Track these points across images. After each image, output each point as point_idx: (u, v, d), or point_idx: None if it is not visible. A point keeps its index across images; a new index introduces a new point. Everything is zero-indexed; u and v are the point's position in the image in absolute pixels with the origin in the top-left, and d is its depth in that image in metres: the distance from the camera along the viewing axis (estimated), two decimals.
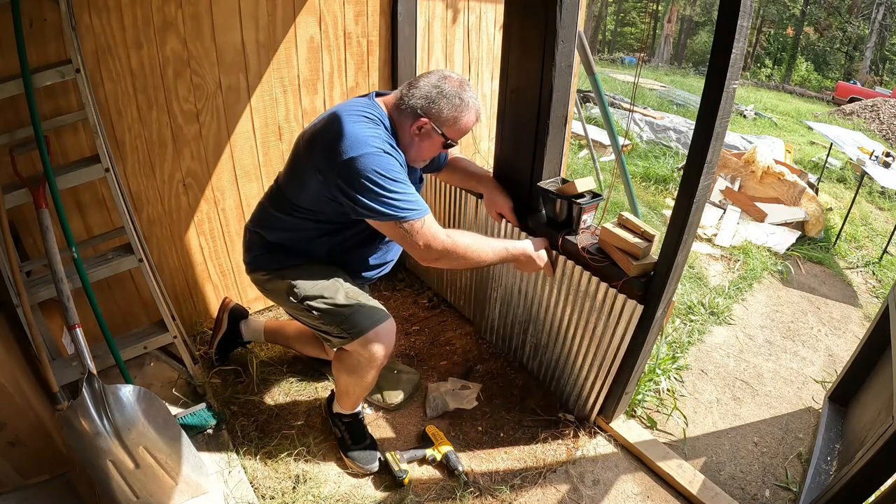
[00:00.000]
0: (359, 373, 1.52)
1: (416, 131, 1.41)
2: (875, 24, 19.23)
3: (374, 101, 1.44)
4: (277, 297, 1.57)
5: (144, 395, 1.47)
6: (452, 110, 1.39)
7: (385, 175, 1.29)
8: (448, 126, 1.41)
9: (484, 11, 2.58)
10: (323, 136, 1.33)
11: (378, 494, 1.61)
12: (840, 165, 5.85)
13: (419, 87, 1.39)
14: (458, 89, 1.39)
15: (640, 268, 1.49)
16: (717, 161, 1.31)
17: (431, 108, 1.38)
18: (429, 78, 1.40)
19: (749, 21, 1.14)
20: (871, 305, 3.05)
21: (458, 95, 1.39)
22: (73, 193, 1.72)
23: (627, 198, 3.28)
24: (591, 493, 1.65)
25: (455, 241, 1.42)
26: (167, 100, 1.79)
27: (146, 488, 1.42)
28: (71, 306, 1.44)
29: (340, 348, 1.53)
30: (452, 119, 1.40)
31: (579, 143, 5.55)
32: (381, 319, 1.47)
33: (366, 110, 1.37)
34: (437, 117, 1.39)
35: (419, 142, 1.43)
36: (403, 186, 1.33)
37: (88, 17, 1.55)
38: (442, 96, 1.38)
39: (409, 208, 1.33)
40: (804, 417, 2.08)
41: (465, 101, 1.40)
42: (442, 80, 1.39)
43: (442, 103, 1.38)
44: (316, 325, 1.51)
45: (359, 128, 1.31)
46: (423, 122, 1.39)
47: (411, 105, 1.39)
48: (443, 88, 1.38)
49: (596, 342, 1.69)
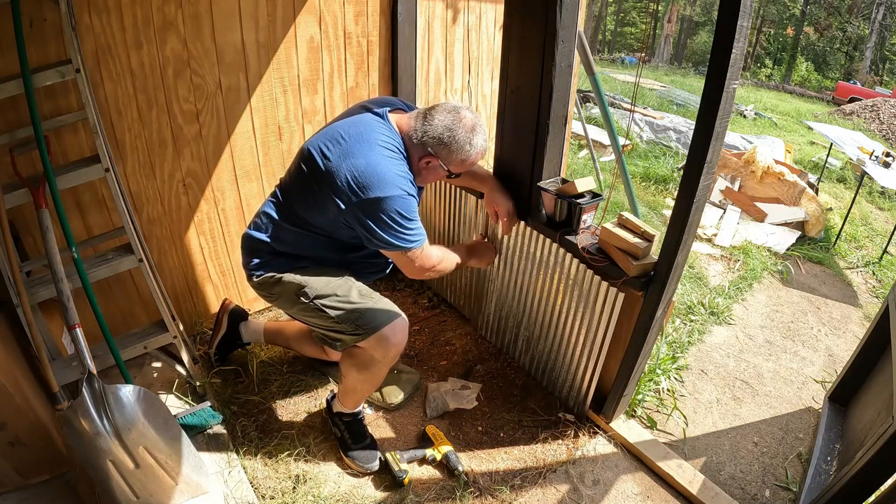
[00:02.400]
0: (371, 370, 1.53)
1: (424, 165, 1.47)
2: (875, 24, 19.22)
3: (388, 122, 1.46)
4: (285, 301, 1.54)
5: (144, 395, 1.47)
6: (461, 154, 1.46)
7: (405, 216, 1.39)
8: (454, 165, 1.49)
9: (484, 11, 2.58)
10: (348, 166, 1.34)
11: (378, 494, 1.61)
12: (840, 165, 5.85)
13: (433, 126, 1.43)
14: (469, 135, 1.44)
15: (640, 268, 1.49)
16: (717, 161, 1.31)
17: (441, 150, 1.44)
18: (443, 116, 1.43)
19: (749, 21, 1.14)
20: (871, 305, 3.05)
21: (469, 142, 1.44)
22: (73, 193, 1.71)
23: (627, 198, 3.28)
24: (591, 493, 1.65)
25: (441, 259, 1.61)
26: (167, 100, 1.79)
27: (146, 488, 1.42)
28: (71, 306, 1.44)
29: (352, 346, 1.53)
30: (459, 161, 1.48)
31: (579, 143, 5.55)
32: (395, 316, 1.50)
33: (387, 140, 1.41)
34: (446, 159, 1.46)
35: (425, 173, 1.51)
36: (415, 224, 1.43)
37: (88, 17, 1.55)
38: (454, 141, 1.43)
39: (416, 239, 1.44)
40: (804, 417, 2.08)
41: (474, 146, 1.46)
42: (456, 122, 1.43)
43: (453, 147, 1.44)
44: (328, 325, 1.51)
45: (386, 165, 1.36)
46: (431, 159, 1.46)
47: (423, 142, 1.44)
48: (455, 134, 1.43)
49: (584, 330, 1.72)
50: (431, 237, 2.37)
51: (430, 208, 2.31)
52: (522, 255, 1.88)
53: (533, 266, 1.85)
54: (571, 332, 1.78)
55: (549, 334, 1.89)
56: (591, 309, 1.66)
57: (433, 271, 1.58)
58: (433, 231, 2.36)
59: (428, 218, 2.34)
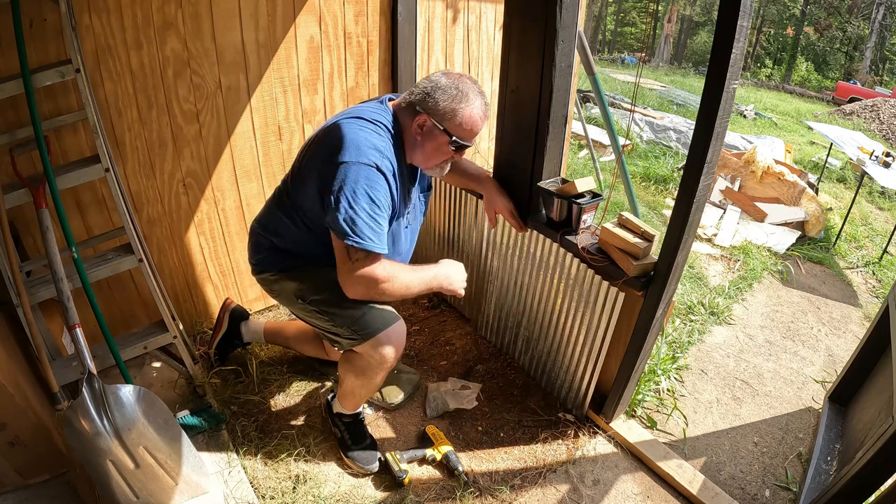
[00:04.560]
0: (368, 375, 1.51)
1: (417, 130, 1.37)
2: (875, 24, 19.23)
3: (385, 104, 1.43)
4: (285, 299, 1.56)
5: (144, 395, 1.47)
6: (449, 101, 1.33)
7: (368, 194, 1.25)
8: (448, 120, 1.34)
9: (484, 11, 2.58)
10: (328, 137, 1.33)
11: (378, 494, 1.61)
12: (840, 165, 5.85)
13: (419, 85, 1.39)
14: (456, 81, 1.35)
15: (640, 268, 1.49)
16: (717, 161, 1.32)
17: (427, 101, 1.34)
18: (430, 75, 1.39)
19: (749, 21, 1.14)
20: (871, 305, 3.05)
21: (456, 86, 1.34)
22: (73, 193, 1.72)
23: (627, 198, 3.28)
24: (591, 493, 1.65)
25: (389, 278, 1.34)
26: (167, 100, 1.79)
27: (146, 488, 1.42)
28: (71, 306, 1.44)
29: (349, 349, 1.52)
30: (451, 111, 1.34)
31: (579, 143, 5.55)
32: (392, 321, 1.45)
33: (373, 114, 1.37)
34: (434, 110, 1.34)
35: (423, 142, 1.38)
36: (377, 215, 1.27)
37: (88, 17, 1.55)
38: (437, 88, 1.34)
39: (366, 235, 1.25)
40: (804, 417, 2.08)
41: (462, 91, 1.34)
42: (442, 74, 1.38)
43: (437, 94, 1.33)
44: (325, 327, 1.49)
45: (362, 134, 1.30)
46: (422, 120, 1.35)
47: (410, 101, 1.39)
48: (439, 81, 1.35)
49: (584, 330, 1.72)
50: (431, 237, 2.38)
51: (430, 208, 2.31)
52: (522, 255, 1.88)
53: (533, 266, 1.85)
54: (571, 332, 1.78)
55: (549, 334, 1.89)
56: (591, 309, 1.66)
57: (374, 290, 1.33)
58: (433, 231, 2.36)
59: (428, 218, 2.34)
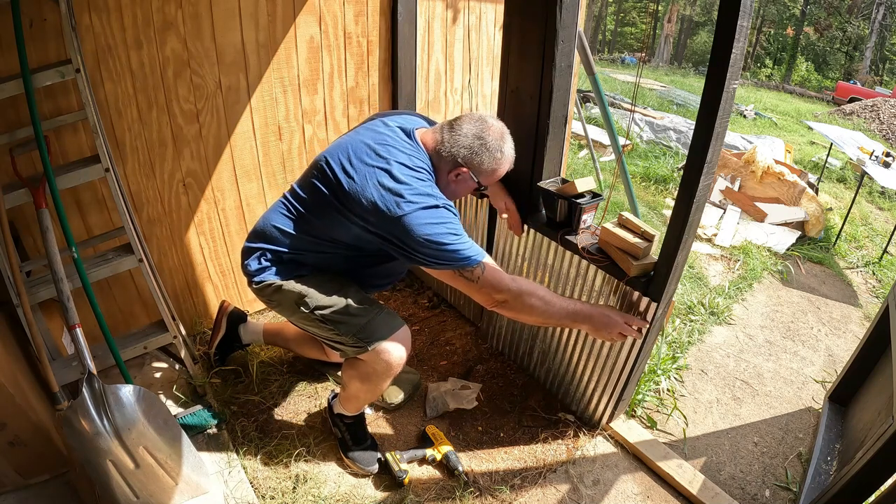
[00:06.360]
0: (373, 381, 1.50)
1: (453, 178, 1.42)
2: (875, 24, 19.23)
3: (418, 143, 1.41)
4: (285, 309, 1.50)
5: (144, 395, 1.47)
6: (493, 163, 1.41)
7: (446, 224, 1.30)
8: (485, 176, 1.44)
9: (484, 11, 2.58)
10: (375, 185, 1.29)
11: (378, 494, 1.61)
12: (840, 165, 5.85)
13: (462, 134, 1.38)
14: (499, 142, 1.40)
15: (640, 268, 1.49)
16: (717, 161, 1.31)
17: (473, 159, 1.39)
18: (470, 125, 1.39)
19: (749, 21, 1.14)
20: (871, 305, 3.05)
21: (500, 149, 1.40)
22: (73, 193, 1.72)
23: (627, 198, 3.28)
24: (591, 493, 1.65)
25: (517, 284, 1.38)
26: (167, 100, 1.79)
27: (146, 488, 1.42)
28: (71, 306, 1.44)
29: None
30: (491, 171, 1.43)
31: (579, 143, 5.55)
32: (397, 328, 1.45)
33: (417, 162, 1.36)
34: (478, 168, 1.41)
35: (455, 187, 1.45)
36: (454, 228, 1.32)
37: (88, 17, 1.55)
38: (485, 149, 1.39)
39: (470, 252, 1.32)
40: (804, 417, 2.08)
41: (505, 155, 1.42)
42: (485, 130, 1.38)
43: (484, 156, 1.39)
44: (329, 335, 1.47)
45: (415, 182, 1.31)
46: (462, 171, 1.41)
47: (453, 154, 1.39)
48: (486, 141, 1.38)
49: (606, 349, 1.68)
50: None
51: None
52: (533, 264, 1.87)
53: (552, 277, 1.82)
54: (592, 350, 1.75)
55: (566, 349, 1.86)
56: None
57: (509, 297, 1.37)
58: None
59: None
